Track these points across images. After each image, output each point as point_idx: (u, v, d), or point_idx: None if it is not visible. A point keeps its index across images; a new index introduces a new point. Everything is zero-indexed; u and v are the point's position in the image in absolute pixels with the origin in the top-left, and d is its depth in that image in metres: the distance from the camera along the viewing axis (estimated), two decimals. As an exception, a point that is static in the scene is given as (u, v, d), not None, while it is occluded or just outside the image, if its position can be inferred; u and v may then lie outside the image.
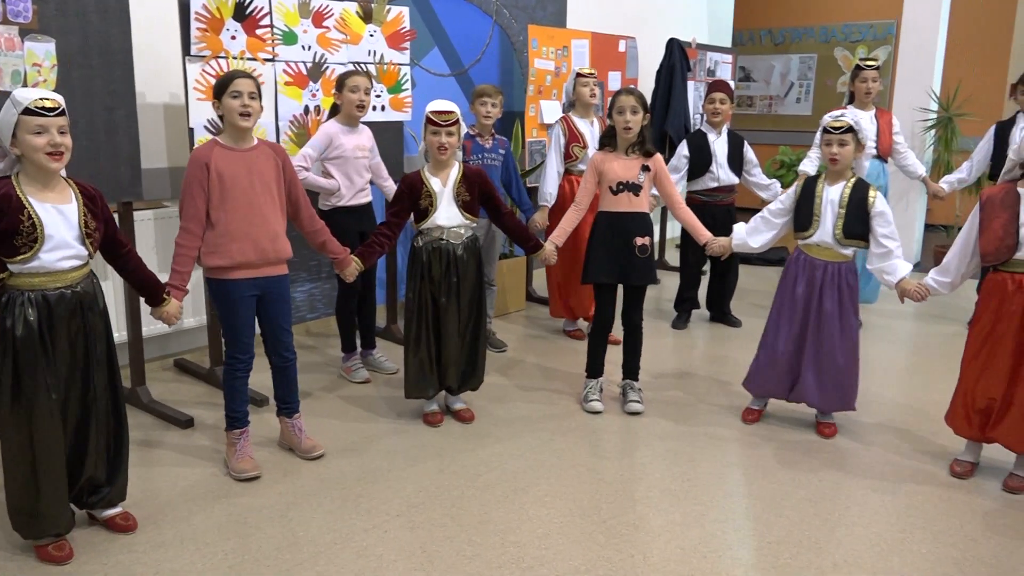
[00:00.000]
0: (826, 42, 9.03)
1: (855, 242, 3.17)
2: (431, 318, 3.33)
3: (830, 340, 3.23)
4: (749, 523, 2.66)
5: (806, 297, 3.26)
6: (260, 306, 2.94)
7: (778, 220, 3.36)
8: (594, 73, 4.53)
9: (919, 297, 3.06)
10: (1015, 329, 2.79)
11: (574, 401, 3.71)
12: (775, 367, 3.37)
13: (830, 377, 3.27)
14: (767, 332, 3.41)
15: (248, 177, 2.80)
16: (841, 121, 3.14)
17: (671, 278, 5.89)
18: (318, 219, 3.11)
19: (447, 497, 2.81)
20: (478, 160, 4.16)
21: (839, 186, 3.19)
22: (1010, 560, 2.46)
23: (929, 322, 5.19)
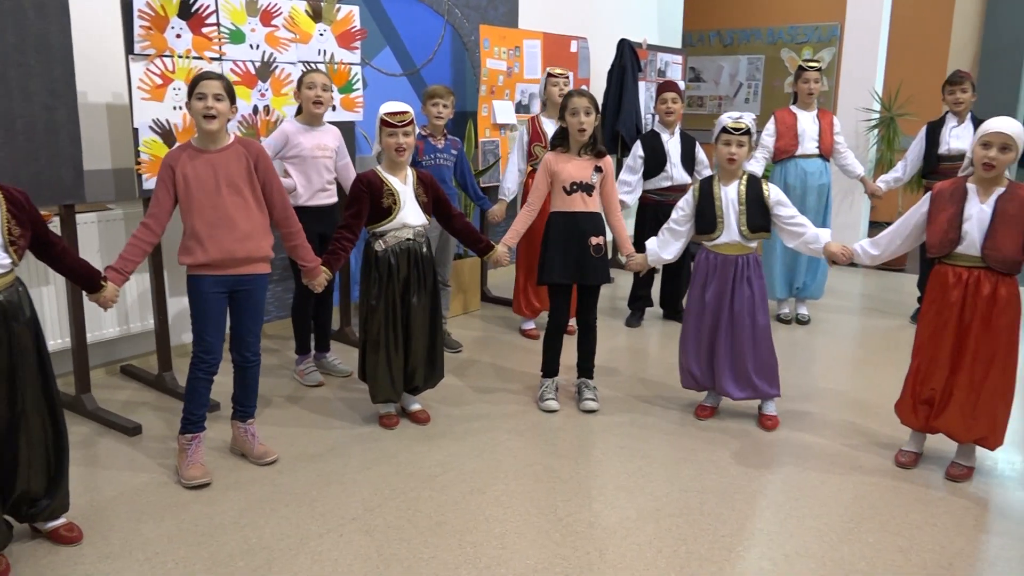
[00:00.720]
0: (773, 43, 9.21)
1: (760, 234, 3.33)
2: (399, 320, 3.31)
3: (744, 330, 3.35)
4: (703, 517, 2.70)
5: (718, 295, 3.36)
6: (231, 304, 2.92)
7: (683, 228, 3.45)
8: (566, 73, 4.55)
9: (844, 260, 3.20)
10: (955, 321, 2.88)
11: (530, 400, 3.72)
12: (688, 362, 3.50)
13: (749, 368, 3.38)
14: (687, 333, 3.49)
15: (213, 180, 2.78)
16: (740, 123, 3.25)
17: (625, 277, 5.94)
18: (295, 222, 3.03)
19: (403, 499, 2.79)
20: (431, 160, 4.14)
21: (734, 185, 3.32)
22: (952, 546, 2.54)
23: (873, 317, 5.32)
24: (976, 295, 2.83)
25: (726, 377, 3.42)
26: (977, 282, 2.83)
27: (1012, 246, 2.75)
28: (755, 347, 3.38)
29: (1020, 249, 2.75)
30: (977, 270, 2.83)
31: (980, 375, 2.86)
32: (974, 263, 2.82)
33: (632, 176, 4.72)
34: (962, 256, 2.84)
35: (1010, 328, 2.83)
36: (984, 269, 2.81)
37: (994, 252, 2.76)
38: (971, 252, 2.81)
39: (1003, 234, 2.75)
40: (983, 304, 2.82)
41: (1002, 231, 2.75)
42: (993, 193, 2.78)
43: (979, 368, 2.86)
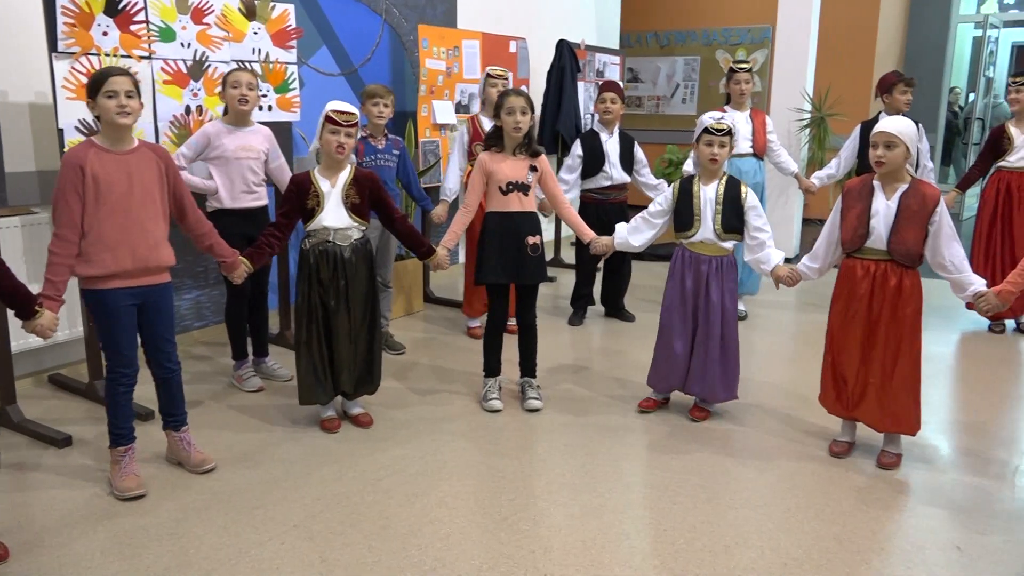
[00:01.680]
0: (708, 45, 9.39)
1: (733, 235, 3.34)
2: (321, 321, 3.27)
3: (715, 331, 3.38)
4: (645, 511, 2.74)
5: (694, 292, 3.39)
6: (140, 316, 2.80)
7: (658, 220, 3.49)
8: (505, 73, 4.55)
9: (791, 282, 3.25)
10: (863, 313, 2.99)
11: (473, 401, 3.72)
12: (674, 362, 3.47)
13: (716, 369, 3.42)
14: (662, 330, 3.51)
15: (127, 182, 2.66)
16: (722, 124, 3.29)
17: (567, 275, 5.99)
18: (206, 221, 2.98)
19: (346, 504, 2.76)
20: (371, 162, 4.10)
21: (713, 185, 3.35)
22: (883, 531, 2.63)
23: (807, 311, 5.47)
24: (883, 287, 2.94)
25: (696, 374, 3.43)
26: (884, 275, 2.94)
27: (915, 240, 2.88)
28: (729, 350, 3.41)
29: (922, 242, 2.89)
30: (884, 263, 2.94)
31: (890, 364, 2.98)
32: (881, 256, 2.94)
33: (570, 175, 4.76)
34: (870, 250, 2.96)
35: (914, 317, 2.96)
36: (890, 262, 2.93)
37: (899, 246, 2.89)
38: (878, 246, 2.93)
39: (906, 229, 2.87)
40: (890, 295, 2.94)
41: (905, 226, 2.87)
42: (897, 190, 2.90)
43: (889, 357, 2.98)
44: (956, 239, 2.92)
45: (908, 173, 2.93)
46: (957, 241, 2.92)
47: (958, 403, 3.82)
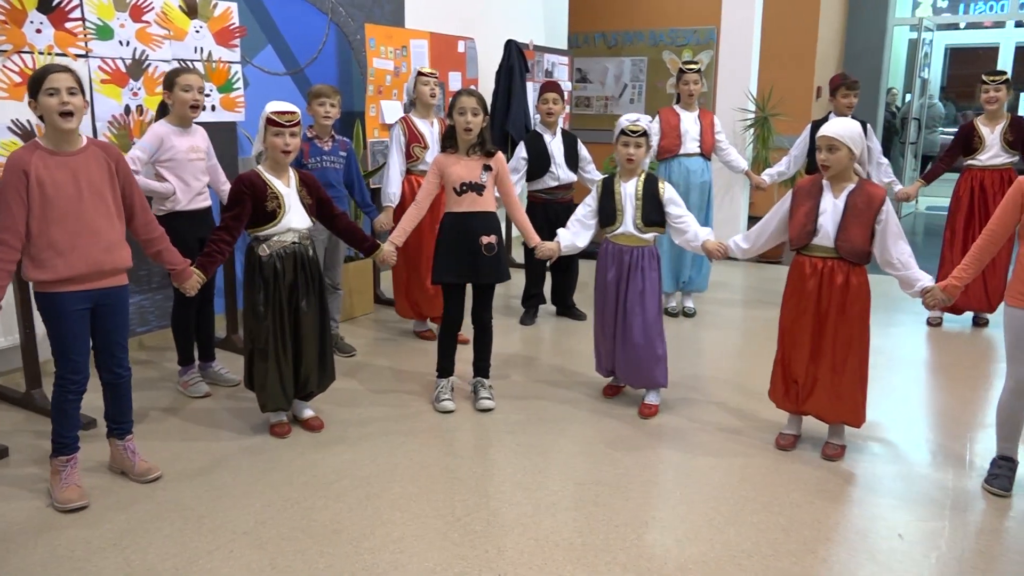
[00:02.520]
0: (654, 46, 9.50)
1: (653, 228, 3.49)
2: (289, 325, 3.22)
3: (636, 318, 3.50)
4: (598, 509, 2.76)
5: (616, 280, 3.53)
6: (94, 320, 2.73)
7: (590, 221, 3.61)
8: (435, 73, 4.53)
9: (719, 255, 3.40)
10: (812, 308, 3.07)
11: (426, 402, 3.70)
12: (606, 349, 3.65)
13: (639, 356, 3.53)
14: (597, 321, 3.68)
15: (74, 185, 2.58)
16: (637, 125, 3.41)
17: (518, 275, 5.99)
18: (156, 226, 2.89)
19: (297, 509, 2.72)
20: (317, 163, 4.05)
21: (633, 182, 3.49)
22: (829, 521, 2.69)
23: (755, 307, 5.58)
24: (831, 284, 3.02)
25: (621, 363, 3.59)
26: (831, 272, 3.02)
27: (861, 238, 2.96)
28: (645, 335, 3.52)
29: (868, 240, 2.97)
30: (831, 260, 3.02)
31: (840, 359, 3.06)
32: (828, 254, 3.01)
33: (514, 176, 4.75)
34: (818, 248, 3.03)
35: (862, 314, 3.04)
36: (837, 260, 3.01)
37: (846, 243, 2.96)
38: (826, 244, 3.00)
39: (853, 227, 2.95)
40: (838, 293, 3.01)
41: (852, 224, 2.95)
42: (845, 189, 2.98)
43: (839, 352, 3.06)
44: (903, 237, 3.00)
45: (856, 173, 3.00)
46: (904, 239, 3.00)
47: (901, 395, 3.93)
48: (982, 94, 4.79)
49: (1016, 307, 2.78)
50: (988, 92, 4.75)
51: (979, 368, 4.30)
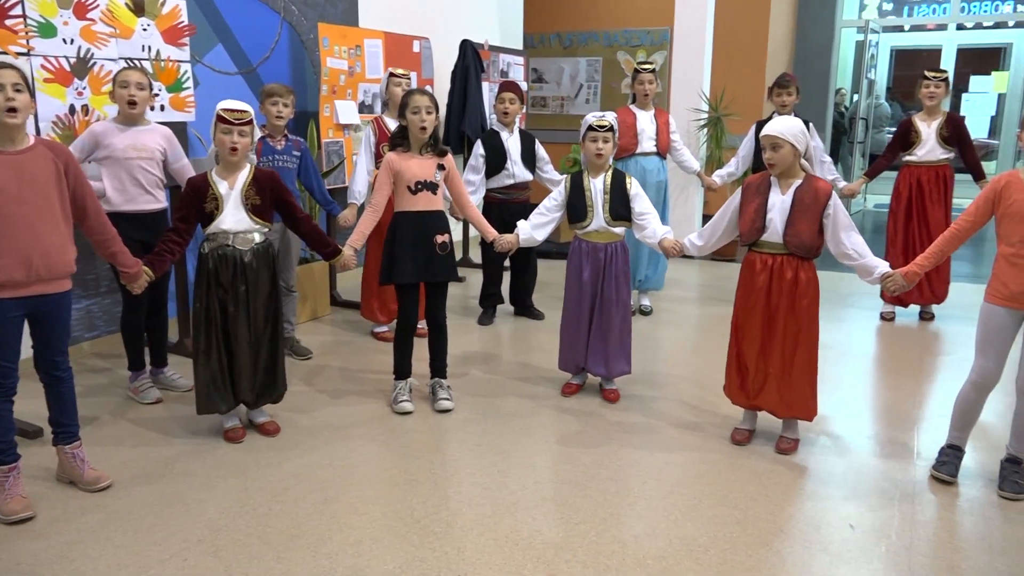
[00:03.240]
0: (609, 46, 9.56)
1: (621, 222, 3.57)
2: (221, 328, 3.17)
3: (611, 312, 3.61)
4: (557, 507, 2.77)
5: (593, 278, 3.60)
6: (32, 325, 2.65)
7: (553, 214, 3.68)
8: (408, 74, 4.51)
9: (675, 252, 3.44)
10: (762, 304, 3.12)
11: (384, 404, 3.67)
12: (570, 342, 3.71)
13: (616, 348, 3.65)
14: (567, 317, 3.71)
15: (16, 185, 2.50)
16: (604, 121, 3.50)
17: (476, 275, 5.99)
18: (110, 227, 2.81)
19: (252, 515, 2.68)
20: (269, 162, 3.99)
21: (601, 177, 3.57)
22: (783, 514, 2.74)
23: (710, 304, 5.65)
24: (780, 279, 3.07)
25: (597, 355, 3.66)
26: (781, 267, 3.07)
27: (809, 232, 3.01)
28: (622, 327, 3.65)
29: (816, 235, 3.02)
30: (781, 256, 3.07)
31: (789, 354, 3.12)
32: (778, 250, 3.07)
33: (475, 176, 4.76)
34: (767, 244, 3.09)
35: (811, 309, 3.10)
36: (787, 255, 3.06)
37: (794, 239, 3.02)
38: (775, 240, 3.06)
39: (800, 222, 3.01)
40: (787, 288, 3.07)
41: (799, 219, 3.01)
42: (792, 185, 3.04)
43: (788, 347, 3.11)
44: (854, 228, 3.06)
45: (803, 169, 3.06)
46: (855, 230, 3.06)
47: (854, 389, 4.02)
48: (922, 89, 4.92)
49: (993, 304, 2.84)
50: (928, 87, 4.88)
51: (925, 362, 4.42)
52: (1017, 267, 2.74)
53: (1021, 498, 2.82)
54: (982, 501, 2.83)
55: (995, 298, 2.82)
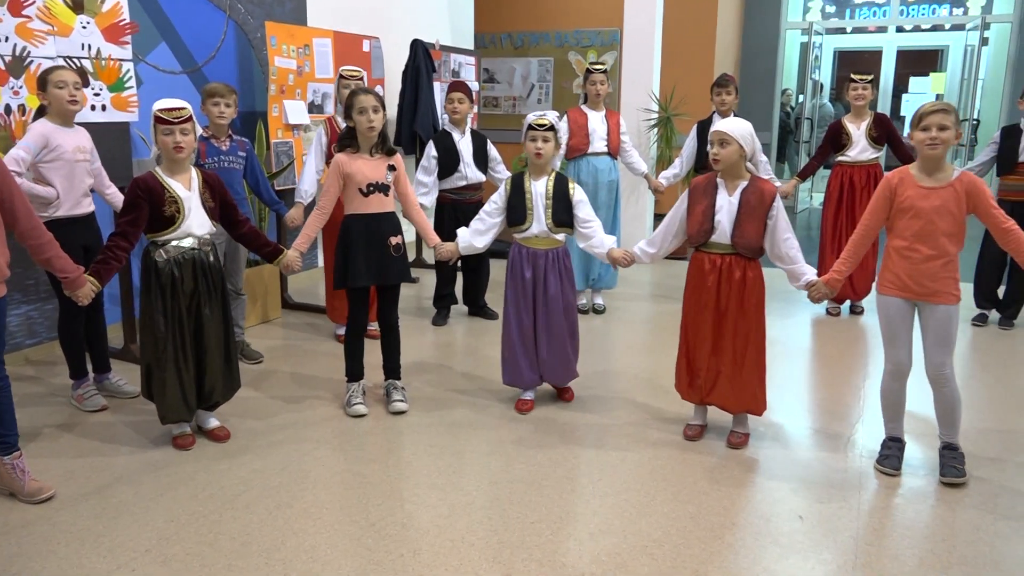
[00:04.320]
0: (560, 46, 9.61)
1: (563, 229, 3.49)
2: (190, 333, 3.11)
3: (558, 319, 3.53)
4: (513, 506, 2.77)
5: (533, 284, 3.51)
6: None
7: (494, 219, 3.57)
8: (358, 72, 4.46)
9: (626, 263, 3.42)
10: (712, 303, 3.17)
11: (337, 407, 3.63)
12: (516, 355, 3.57)
13: (568, 354, 3.59)
14: (510, 326, 3.58)
15: None
16: (544, 120, 3.42)
17: (429, 276, 5.97)
18: (44, 231, 2.71)
19: (203, 523, 2.63)
20: (214, 164, 3.92)
21: (543, 180, 3.49)
22: (734, 507, 2.79)
23: (661, 302, 5.72)
24: (729, 279, 3.13)
25: (547, 363, 3.57)
26: (729, 267, 3.13)
27: (755, 233, 3.07)
28: (570, 330, 3.58)
29: (762, 235, 3.09)
30: (729, 256, 3.13)
31: (740, 351, 3.17)
32: (726, 250, 3.12)
33: (428, 177, 4.74)
34: (716, 244, 3.14)
35: (758, 307, 3.16)
36: (734, 255, 3.12)
37: (742, 239, 3.07)
38: (723, 240, 3.11)
39: (747, 223, 3.06)
40: (736, 287, 3.13)
41: (746, 220, 3.07)
42: (738, 187, 3.10)
43: (739, 345, 3.17)
44: (791, 232, 3.13)
45: (748, 170, 3.12)
46: (792, 234, 3.14)
47: (800, 383, 4.10)
48: (850, 91, 5.06)
49: (886, 295, 2.94)
50: (856, 90, 5.03)
51: (866, 354, 4.53)
52: (908, 259, 2.85)
53: (962, 482, 2.92)
54: (924, 488, 2.92)
55: (888, 289, 2.93)
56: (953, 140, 2.77)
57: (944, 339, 2.88)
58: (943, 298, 2.84)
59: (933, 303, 2.86)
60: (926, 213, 2.80)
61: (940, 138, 2.75)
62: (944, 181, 2.81)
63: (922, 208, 2.81)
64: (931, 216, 2.80)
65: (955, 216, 2.80)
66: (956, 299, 2.86)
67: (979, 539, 2.58)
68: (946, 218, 2.79)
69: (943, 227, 2.80)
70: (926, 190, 2.82)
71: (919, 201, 2.82)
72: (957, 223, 2.81)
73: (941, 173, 2.82)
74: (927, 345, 2.92)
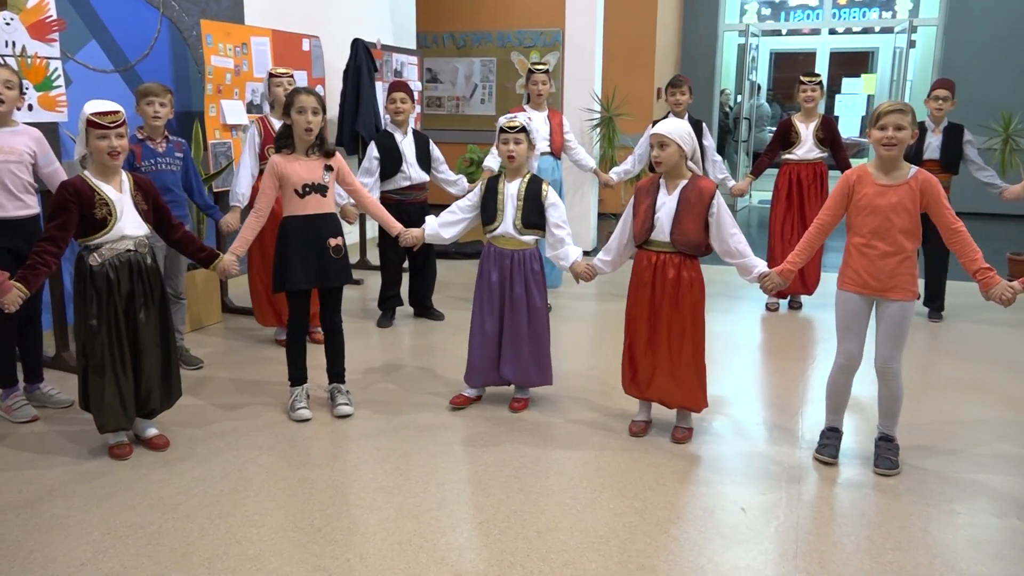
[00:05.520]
0: (503, 47, 9.64)
1: (533, 231, 3.47)
2: (126, 339, 3.02)
3: (522, 321, 3.51)
4: (460, 507, 2.77)
5: (500, 284, 3.50)
6: None
7: (467, 215, 3.57)
8: (288, 72, 4.40)
9: (588, 277, 3.41)
10: (648, 300, 3.22)
11: (280, 412, 3.57)
12: (487, 356, 3.56)
13: (525, 355, 3.55)
14: (474, 325, 3.58)
15: None
16: (515, 122, 3.41)
17: (374, 277, 5.91)
18: None
19: (142, 535, 2.56)
20: (151, 166, 3.82)
21: (516, 182, 3.47)
22: (679, 501, 2.83)
23: (608, 300, 5.77)
24: (663, 277, 3.18)
25: (508, 361, 3.55)
26: (664, 265, 3.18)
27: (695, 231, 3.13)
28: (533, 338, 3.53)
29: (702, 233, 3.14)
30: (665, 254, 3.18)
31: (675, 349, 3.22)
32: (665, 248, 3.17)
33: (369, 178, 4.69)
34: (655, 242, 3.19)
35: (694, 307, 3.21)
36: (672, 253, 3.17)
37: (681, 237, 3.12)
38: (662, 238, 3.16)
39: (686, 220, 3.12)
40: (670, 286, 3.17)
41: (685, 218, 3.12)
42: (678, 185, 3.15)
43: (673, 342, 3.22)
44: (736, 227, 3.19)
45: (689, 169, 3.17)
46: (737, 229, 3.19)
47: (743, 377, 4.19)
48: (800, 93, 5.20)
49: (845, 290, 3.02)
50: (805, 91, 5.16)
51: (807, 349, 4.66)
52: (866, 256, 2.93)
53: (894, 473, 3.02)
54: (860, 478, 3.01)
55: (848, 285, 3.01)
56: (909, 139, 2.86)
57: (897, 334, 2.96)
58: (900, 294, 2.92)
59: (890, 299, 2.94)
60: (883, 210, 2.88)
61: (896, 137, 2.83)
62: (900, 179, 2.89)
63: (879, 205, 2.88)
64: (887, 213, 2.87)
65: (911, 213, 2.87)
66: (913, 295, 2.94)
67: (912, 524, 2.68)
68: (902, 215, 2.87)
69: (899, 224, 2.87)
70: (883, 187, 2.89)
71: (876, 199, 2.89)
72: (913, 220, 2.88)
73: (898, 171, 2.90)
74: (879, 339, 3.00)
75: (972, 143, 5.00)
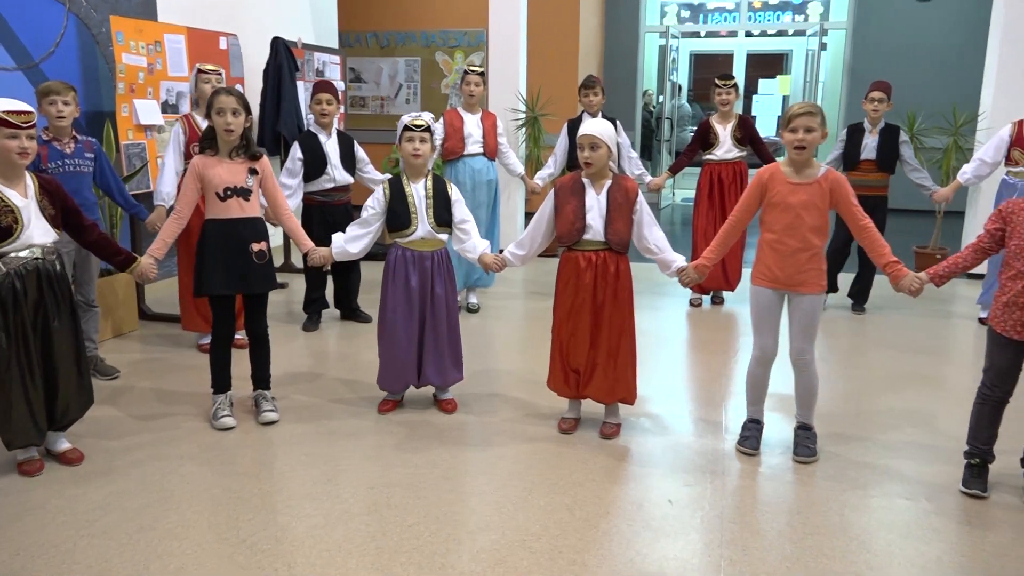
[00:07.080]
0: (427, 46, 9.59)
1: (444, 228, 3.48)
2: (35, 350, 2.88)
3: (443, 321, 3.51)
4: (391, 511, 2.74)
5: (420, 287, 3.45)
6: None
7: (373, 225, 3.47)
8: (218, 69, 4.28)
9: (498, 268, 3.46)
10: (590, 300, 3.25)
11: (202, 421, 3.47)
12: (402, 361, 3.50)
13: (446, 356, 3.56)
14: (385, 330, 3.51)
15: None
16: (420, 120, 3.40)
17: (299, 280, 5.80)
18: None
19: (55, 553, 2.45)
20: (59, 168, 3.65)
21: (422, 182, 3.46)
22: (608, 496, 2.87)
23: (534, 299, 5.80)
24: (605, 274, 3.22)
25: (431, 365, 3.52)
26: (604, 263, 3.22)
27: (626, 229, 3.20)
28: (451, 337, 3.56)
29: (630, 230, 3.21)
30: (603, 252, 3.22)
31: (615, 344, 3.27)
32: (599, 247, 3.21)
33: (292, 179, 4.59)
34: (589, 242, 3.22)
35: (628, 299, 3.28)
36: (608, 251, 3.21)
37: (615, 236, 3.18)
38: (596, 238, 3.20)
39: (618, 219, 3.17)
40: (611, 281, 3.22)
41: (616, 217, 3.17)
42: (604, 186, 3.20)
43: (614, 338, 3.27)
44: (656, 224, 3.27)
45: (610, 169, 3.22)
46: (657, 225, 3.27)
47: (669, 372, 4.27)
48: (716, 96, 5.33)
49: (759, 286, 3.12)
50: (720, 94, 5.31)
51: (728, 343, 4.79)
52: (778, 252, 3.03)
53: (812, 460, 3.13)
54: (781, 467, 3.11)
55: (760, 280, 3.11)
56: (819, 140, 2.96)
57: (808, 326, 3.07)
58: (809, 288, 3.03)
59: (800, 293, 3.04)
60: (794, 208, 2.97)
61: (807, 139, 2.92)
62: (811, 178, 2.99)
63: (790, 203, 2.98)
64: (798, 211, 2.97)
65: (820, 211, 2.98)
66: (821, 288, 3.05)
67: (830, 509, 2.78)
68: (812, 212, 2.97)
69: (809, 221, 2.97)
70: (794, 186, 2.98)
71: (788, 196, 2.98)
72: (822, 217, 2.99)
73: (809, 170, 3.00)
74: (793, 332, 3.10)
75: (908, 144, 5.22)
